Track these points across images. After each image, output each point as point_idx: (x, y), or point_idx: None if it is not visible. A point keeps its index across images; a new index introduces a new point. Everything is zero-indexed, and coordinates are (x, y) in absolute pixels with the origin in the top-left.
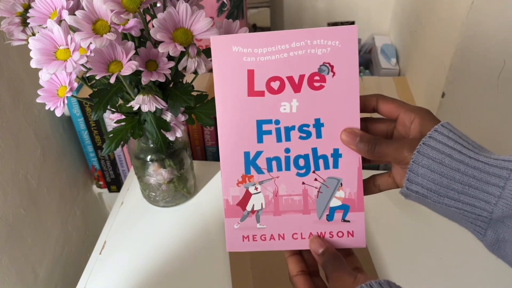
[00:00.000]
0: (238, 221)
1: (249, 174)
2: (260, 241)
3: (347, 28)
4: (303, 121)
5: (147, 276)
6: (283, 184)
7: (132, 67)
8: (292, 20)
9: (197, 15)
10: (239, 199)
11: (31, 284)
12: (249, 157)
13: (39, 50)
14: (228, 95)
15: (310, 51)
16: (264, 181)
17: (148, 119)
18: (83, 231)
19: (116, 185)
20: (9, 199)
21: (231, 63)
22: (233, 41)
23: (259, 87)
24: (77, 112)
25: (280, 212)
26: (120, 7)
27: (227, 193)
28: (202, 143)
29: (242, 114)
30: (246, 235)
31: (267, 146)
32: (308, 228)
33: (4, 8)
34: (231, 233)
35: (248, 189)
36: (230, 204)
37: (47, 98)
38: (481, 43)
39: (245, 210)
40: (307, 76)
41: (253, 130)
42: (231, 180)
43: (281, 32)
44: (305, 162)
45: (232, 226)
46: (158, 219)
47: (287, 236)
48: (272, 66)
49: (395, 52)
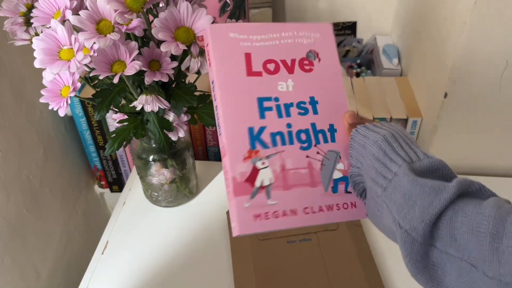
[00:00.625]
0: (247, 198)
1: (255, 149)
2: (273, 219)
3: (324, 24)
4: (300, 98)
5: (149, 276)
6: (289, 158)
7: (135, 67)
8: (294, 20)
9: (198, 13)
10: (247, 175)
11: (33, 284)
12: (253, 133)
13: (43, 50)
14: (228, 75)
15: (297, 40)
16: (271, 155)
17: (151, 119)
18: (85, 231)
19: (118, 185)
20: (12, 199)
21: (229, 47)
22: (230, 28)
23: (256, 68)
24: (79, 112)
25: (289, 186)
26: (124, 7)
27: (234, 170)
28: (204, 143)
29: (243, 93)
30: (258, 213)
31: (270, 121)
32: (317, 201)
33: (7, 8)
34: (241, 213)
35: (255, 165)
36: (238, 181)
37: (50, 98)
38: (484, 43)
39: (254, 187)
40: (297, 60)
41: (255, 107)
42: (237, 157)
43: (271, 23)
44: (306, 136)
45: (241, 206)
46: (160, 219)
47: (299, 211)
48: (266, 50)
49: (397, 52)
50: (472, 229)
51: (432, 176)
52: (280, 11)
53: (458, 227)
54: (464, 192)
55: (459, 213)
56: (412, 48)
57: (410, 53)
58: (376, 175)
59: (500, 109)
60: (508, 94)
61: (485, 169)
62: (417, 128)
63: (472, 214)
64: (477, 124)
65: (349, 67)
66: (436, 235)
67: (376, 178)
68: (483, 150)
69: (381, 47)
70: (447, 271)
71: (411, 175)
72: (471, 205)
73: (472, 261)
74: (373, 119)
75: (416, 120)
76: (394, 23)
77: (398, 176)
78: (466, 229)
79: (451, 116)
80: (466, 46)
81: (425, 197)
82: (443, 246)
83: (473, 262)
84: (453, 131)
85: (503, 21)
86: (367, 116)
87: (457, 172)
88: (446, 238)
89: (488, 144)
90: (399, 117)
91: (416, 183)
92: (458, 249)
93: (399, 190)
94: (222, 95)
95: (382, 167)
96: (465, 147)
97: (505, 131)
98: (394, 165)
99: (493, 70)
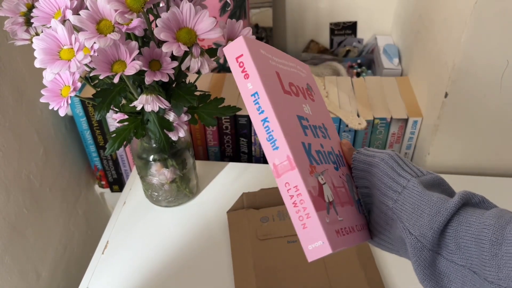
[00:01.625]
0: (326, 213)
1: (313, 164)
2: (348, 235)
3: (304, 65)
4: (317, 122)
5: (149, 276)
6: (333, 176)
7: (135, 67)
8: (294, 20)
9: (201, 15)
10: (317, 189)
11: (33, 284)
12: (305, 148)
13: (43, 49)
14: (273, 89)
15: (298, 72)
16: (324, 172)
17: (151, 119)
18: (85, 231)
19: (118, 185)
20: (12, 199)
21: (264, 62)
22: (260, 45)
23: (286, 87)
24: (79, 112)
25: (342, 203)
26: (124, 7)
27: (307, 183)
28: (205, 143)
29: (287, 108)
30: (337, 229)
31: (311, 139)
32: (358, 220)
33: (8, 8)
34: (327, 229)
35: (318, 179)
36: (313, 195)
37: (50, 98)
38: (484, 43)
39: (325, 202)
40: (304, 88)
41: (298, 123)
42: (306, 170)
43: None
44: (334, 158)
45: (324, 221)
46: (160, 219)
47: (356, 228)
48: (288, 73)
49: (398, 52)
50: (475, 237)
51: (436, 190)
52: (281, 11)
53: (462, 236)
54: (468, 202)
55: (464, 224)
56: (412, 48)
57: (410, 53)
58: (386, 189)
59: (500, 109)
60: (508, 94)
61: (485, 169)
62: (417, 128)
63: (475, 224)
64: (477, 124)
65: (350, 67)
66: (443, 245)
67: (387, 192)
68: (483, 150)
69: (381, 47)
70: (452, 279)
71: (420, 187)
72: (474, 216)
73: (474, 268)
74: (374, 119)
75: (417, 120)
76: (394, 23)
77: (408, 189)
78: (469, 237)
79: (451, 116)
80: (466, 46)
81: (432, 206)
82: (449, 255)
83: (475, 268)
84: (453, 131)
85: (503, 21)
86: (367, 116)
87: (457, 172)
88: (451, 247)
89: (488, 144)
90: (400, 117)
91: (425, 194)
92: (462, 257)
93: (409, 201)
94: (275, 108)
95: (392, 182)
96: (465, 147)
97: (505, 131)
98: (403, 179)
99: (494, 70)
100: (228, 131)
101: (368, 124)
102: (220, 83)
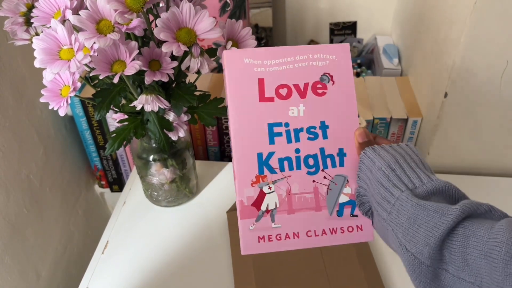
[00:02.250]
0: (253, 221)
1: (263, 174)
2: (276, 241)
3: (341, 45)
4: (310, 123)
5: (149, 276)
6: (296, 183)
7: (135, 67)
8: (294, 20)
9: (201, 15)
10: (254, 199)
11: (33, 284)
12: (262, 158)
13: (43, 49)
14: (241, 101)
15: (312, 63)
16: (277, 180)
17: (151, 119)
18: (85, 230)
19: (118, 184)
20: (12, 199)
21: (243, 73)
22: (245, 54)
23: (269, 93)
24: (79, 112)
25: (293, 210)
26: (124, 7)
27: (241, 194)
28: (204, 143)
29: (254, 118)
30: (262, 236)
31: (279, 147)
32: (321, 225)
33: (8, 8)
34: (246, 235)
35: (262, 189)
36: (244, 205)
37: (50, 98)
38: (484, 43)
39: (259, 210)
40: (310, 84)
41: (265, 133)
42: (245, 181)
43: (287, 47)
44: (314, 161)
45: (247, 228)
46: (160, 218)
47: (302, 234)
48: (280, 75)
49: (397, 52)
50: (485, 254)
51: (438, 198)
52: (280, 11)
53: (470, 252)
54: (473, 214)
55: (471, 238)
56: (412, 48)
57: (410, 53)
58: (381, 200)
59: (500, 109)
60: (508, 94)
61: (485, 169)
62: (417, 128)
63: (484, 239)
64: (477, 124)
65: None
66: (448, 259)
67: (381, 203)
68: (483, 150)
69: (381, 47)
70: None
71: (414, 199)
72: (483, 229)
73: (484, 286)
74: (373, 119)
75: (416, 120)
76: (394, 23)
77: (401, 200)
78: (478, 254)
79: (451, 116)
80: (466, 46)
81: (429, 219)
82: (455, 271)
83: (485, 287)
84: (453, 131)
85: (503, 21)
86: (367, 116)
87: (457, 172)
88: (458, 263)
89: (488, 144)
90: (399, 117)
91: (419, 206)
92: (471, 274)
93: (403, 214)
94: (234, 122)
95: (386, 192)
96: (465, 147)
97: (505, 131)
98: (396, 190)
99: (493, 70)
100: (228, 131)
101: (368, 124)
102: (220, 83)
